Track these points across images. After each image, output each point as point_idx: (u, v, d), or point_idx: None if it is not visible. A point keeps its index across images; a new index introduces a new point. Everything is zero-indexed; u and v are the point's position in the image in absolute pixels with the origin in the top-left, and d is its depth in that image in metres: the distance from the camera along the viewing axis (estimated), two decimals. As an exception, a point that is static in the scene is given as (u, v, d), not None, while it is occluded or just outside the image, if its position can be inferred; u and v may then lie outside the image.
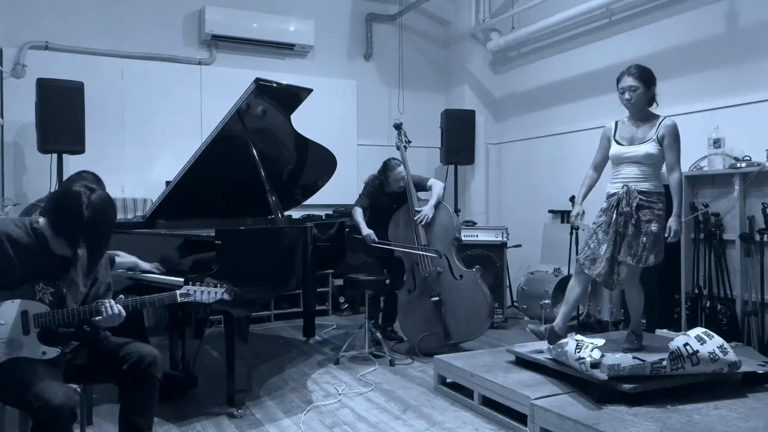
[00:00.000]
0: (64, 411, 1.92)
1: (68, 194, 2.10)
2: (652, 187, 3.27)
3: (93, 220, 2.07)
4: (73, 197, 2.07)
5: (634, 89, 3.26)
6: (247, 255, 3.13)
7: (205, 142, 3.56)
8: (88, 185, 2.12)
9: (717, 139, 4.12)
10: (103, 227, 2.14)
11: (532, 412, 2.78)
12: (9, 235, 2.13)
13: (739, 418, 2.57)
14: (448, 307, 4.23)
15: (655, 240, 3.23)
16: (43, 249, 2.17)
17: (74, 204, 2.06)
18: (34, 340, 2.13)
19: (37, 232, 2.17)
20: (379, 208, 4.61)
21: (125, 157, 5.31)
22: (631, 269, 3.29)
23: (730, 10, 4.30)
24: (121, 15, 5.41)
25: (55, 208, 2.13)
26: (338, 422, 3.09)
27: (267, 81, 3.50)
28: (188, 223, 4.00)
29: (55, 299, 2.17)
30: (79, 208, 2.05)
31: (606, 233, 3.30)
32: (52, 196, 2.13)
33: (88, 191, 2.09)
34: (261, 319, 5.49)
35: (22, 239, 2.15)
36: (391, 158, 4.61)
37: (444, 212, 4.40)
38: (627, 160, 3.31)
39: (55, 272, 2.19)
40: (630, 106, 3.34)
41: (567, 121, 5.66)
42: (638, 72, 3.28)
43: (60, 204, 2.12)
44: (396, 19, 6.60)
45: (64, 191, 2.12)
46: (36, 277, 2.15)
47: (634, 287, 3.41)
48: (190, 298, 2.35)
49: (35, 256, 2.15)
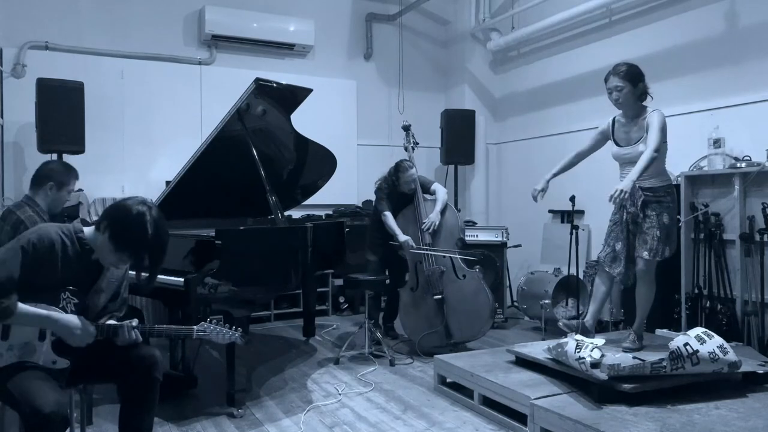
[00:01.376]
0: (53, 419, 1.92)
1: (131, 212, 2.15)
2: (657, 183, 3.27)
3: (157, 236, 2.15)
4: (138, 216, 2.14)
5: (620, 89, 3.26)
6: (247, 255, 3.14)
7: (205, 142, 3.56)
8: (146, 202, 2.20)
9: (717, 139, 4.12)
10: (165, 241, 2.22)
11: (532, 412, 2.78)
12: (60, 242, 2.17)
13: (739, 418, 2.57)
14: (450, 306, 4.23)
15: (668, 231, 3.26)
16: (81, 259, 2.21)
17: (140, 222, 2.13)
18: (48, 348, 2.16)
19: (82, 242, 2.21)
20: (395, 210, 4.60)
21: (125, 157, 5.31)
22: (648, 264, 3.29)
23: (730, 10, 4.29)
24: (121, 15, 5.41)
25: (118, 225, 2.16)
26: (338, 422, 3.09)
27: (267, 81, 3.50)
28: (188, 223, 3.99)
29: (77, 310, 2.20)
30: (144, 226, 2.12)
31: (622, 231, 3.36)
32: (113, 214, 2.18)
33: (147, 208, 2.17)
34: (261, 319, 5.49)
35: (69, 248, 2.19)
36: (403, 160, 4.56)
37: (450, 213, 4.43)
38: (626, 160, 3.32)
39: (84, 283, 2.23)
40: (619, 106, 3.34)
41: (567, 121, 5.66)
42: (623, 71, 3.26)
43: (124, 221, 2.16)
44: (396, 19, 6.60)
45: (125, 208, 2.17)
46: (65, 286, 2.18)
47: (648, 282, 3.37)
48: (205, 336, 2.41)
49: (72, 265, 2.19)
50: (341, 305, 5.98)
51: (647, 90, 3.32)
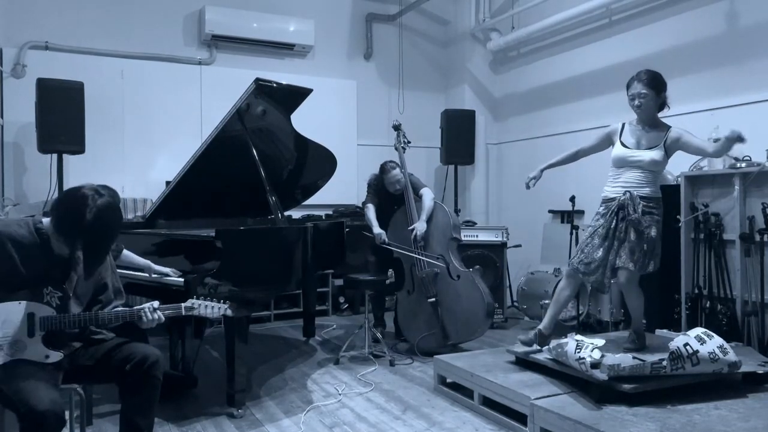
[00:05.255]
0: (48, 418, 1.90)
1: (76, 195, 2.09)
2: (651, 193, 3.26)
3: (94, 225, 2.06)
4: (80, 199, 2.07)
5: (643, 96, 3.23)
6: (247, 255, 3.13)
7: (205, 142, 3.56)
8: (99, 190, 2.12)
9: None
10: (103, 234, 2.13)
11: (532, 412, 2.78)
12: (11, 235, 2.13)
13: (739, 418, 2.57)
14: (445, 308, 4.23)
15: (654, 245, 3.23)
16: (46, 250, 2.17)
17: (79, 205, 2.05)
18: (39, 343, 2.14)
19: (41, 232, 2.17)
20: (383, 208, 4.62)
21: (125, 157, 5.31)
22: (631, 275, 3.25)
23: (730, 10, 4.29)
24: (121, 15, 5.41)
25: (60, 207, 2.13)
26: (338, 422, 3.09)
27: (267, 81, 3.50)
28: (188, 223, 4.00)
29: (62, 303, 2.18)
30: (83, 211, 2.04)
31: (604, 238, 3.26)
32: (62, 193, 2.14)
33: (96, 195, 2.08)
34: (261, 319, 5.49)
35: (26, 239, 2.15)
36: (387, 161, 4.62)
37: (440, 213, 4.40)
38: (630, 164, 3.27)
39: (60, 275, 2.20)
40: (639, 113, 3.31)
41: (567, 121, 5.66)
42: (648, 78, 3.24)
43: (66, 203, 2.11)
44: (396, 19, 6.60)
45: (73, 191, 2.11)
46: (43, 280, 2.15)
47: (634, 292, 3.37)
48: (194, 311, 2.37)
49: (39, 257, 2.15)
50: (341, 305, 5.98)
51: (666, 101, 3.31)
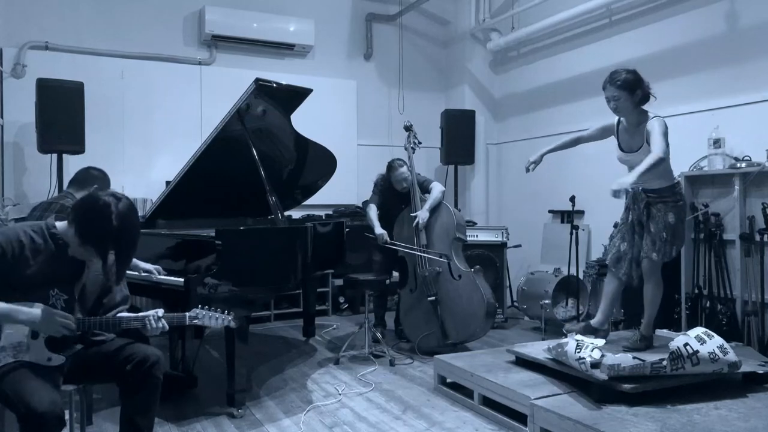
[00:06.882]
0: (48, 419, 1.90)
1: (96, 204, 2.12)
2: (661, 184, 3.26)
3: (122, 229, 2.10)
4: (103, 207, 2.10)
5: (616, 98, 3.21)
6: (247, 255, 3.13)
7: (205, 142, 3.56)
8: (115, 195, 2.16)
9: (717, 139, 4.12)
10: (130, 236, 2.17)
11: (532, 412, 2.78)
12: (30, 239, 2.15)
13: (739, 418, 2.57)
14: (444, 308, 4.23)
15: (675, 230, 3.26)
16: (59, 255, 2.19)
17: (104, 214, 2.08)
18: (41, 345, 2.15)
19: (56, 238, 2.19)
20: (389, 207, 4.62)
21: (125, 157, 5.31)
22: (653, 264, 3.29)
23: (730, 10, 4.29)
24: (121, 15, 5.41)
25: (83, 219, 2.13)
26: (338, 422, 3.09)
27: (267, 81, 3.50)
28: (188, 223, 4.00)
29: (67, 306, 2.19)
30: (109, 218, 2.07)
31: (628, 232, 3.40)
32: (79, 206, 2.16)
33: (115, 200, 2.12)
34: (261, 319, 5.49)
35: (40, 245, 2.16)
36: (395, 159, 4.61)
37: (444, 212, 4.39)
38: (630, 165, 3.28)
39: (69, 278, 2.21)
40: (618, 114, 3.33)
41: (567, 121, 5.65)
42: (617, 80, 3.19)
43: (89, 215, 2.13)
44: (396, 19, 6.60)
45: (91, 202, 2.14)
46: (51, 283, 2.16)
47: (653, 281, 3.35)
48: (198, 321, 2.39)
49: (51, 262, 2.17)
50: (341, 305, 5.98)
51: (648, 93, 3.24)
